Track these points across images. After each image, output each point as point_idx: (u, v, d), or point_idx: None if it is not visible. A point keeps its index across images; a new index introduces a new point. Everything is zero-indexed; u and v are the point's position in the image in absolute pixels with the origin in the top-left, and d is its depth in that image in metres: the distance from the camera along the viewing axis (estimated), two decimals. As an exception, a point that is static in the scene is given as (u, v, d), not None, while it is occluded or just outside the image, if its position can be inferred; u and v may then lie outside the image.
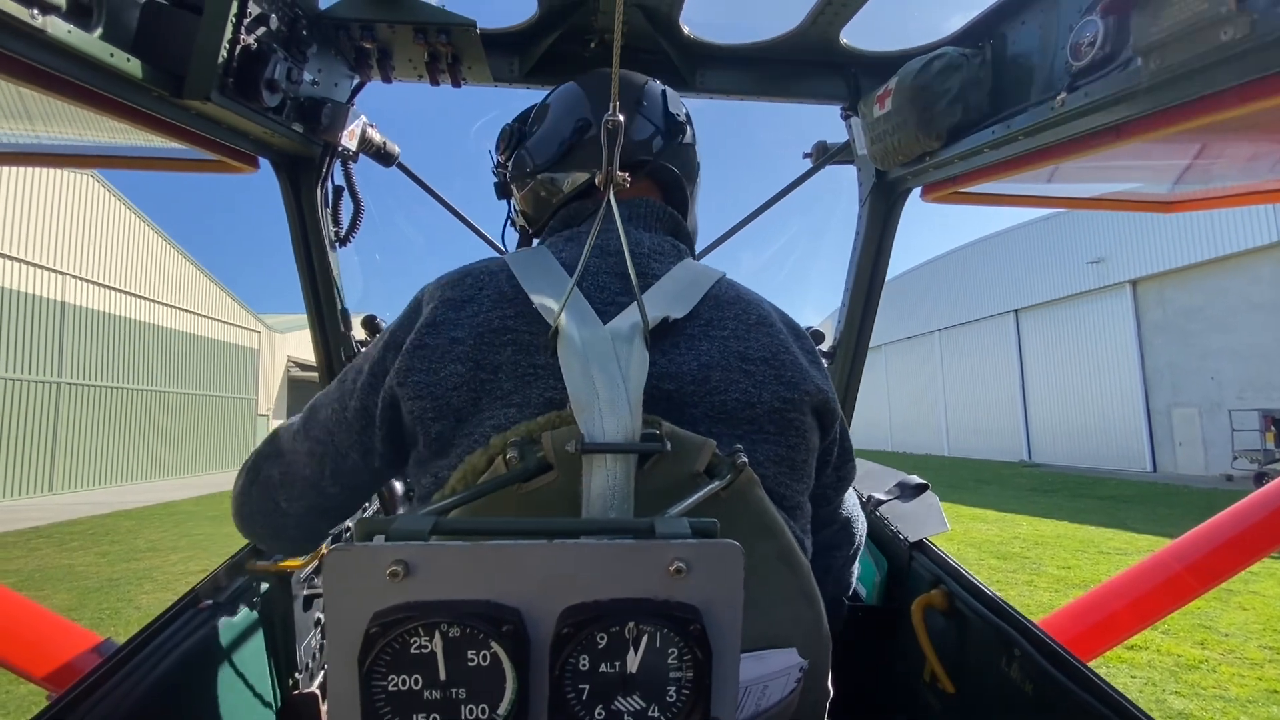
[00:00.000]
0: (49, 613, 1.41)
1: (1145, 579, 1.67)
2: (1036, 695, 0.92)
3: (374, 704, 0.45)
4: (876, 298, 1.74)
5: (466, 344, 0.76)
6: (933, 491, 1.48)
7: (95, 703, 0.83)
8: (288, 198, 1.50)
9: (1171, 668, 4.48)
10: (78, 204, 16.31)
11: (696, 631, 0.47)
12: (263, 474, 0.90)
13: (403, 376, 0.76)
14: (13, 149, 1.52)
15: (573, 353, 0.71)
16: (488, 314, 0.78)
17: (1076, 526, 9.94)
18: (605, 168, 0.71)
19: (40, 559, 8.04)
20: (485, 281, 0.82)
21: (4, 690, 4.13)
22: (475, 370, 0.75)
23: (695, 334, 0.82)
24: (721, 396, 0.78)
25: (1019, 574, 6.95)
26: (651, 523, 0.52)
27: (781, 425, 0.81)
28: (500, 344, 0.76)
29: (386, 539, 0.48)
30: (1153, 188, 1.69)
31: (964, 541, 8.74)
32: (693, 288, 0.86)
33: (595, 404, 0.66)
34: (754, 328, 0.85)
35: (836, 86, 1.56)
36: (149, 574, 7.13)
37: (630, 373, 0.70)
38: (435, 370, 0.75)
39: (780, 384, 0.82)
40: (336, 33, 1.34)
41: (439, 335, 0.77)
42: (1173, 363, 18.76)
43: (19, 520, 11.11)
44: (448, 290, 0.82)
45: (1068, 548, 8.33)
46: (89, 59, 0.90)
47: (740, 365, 0.81)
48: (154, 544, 8.99)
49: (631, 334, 0.74)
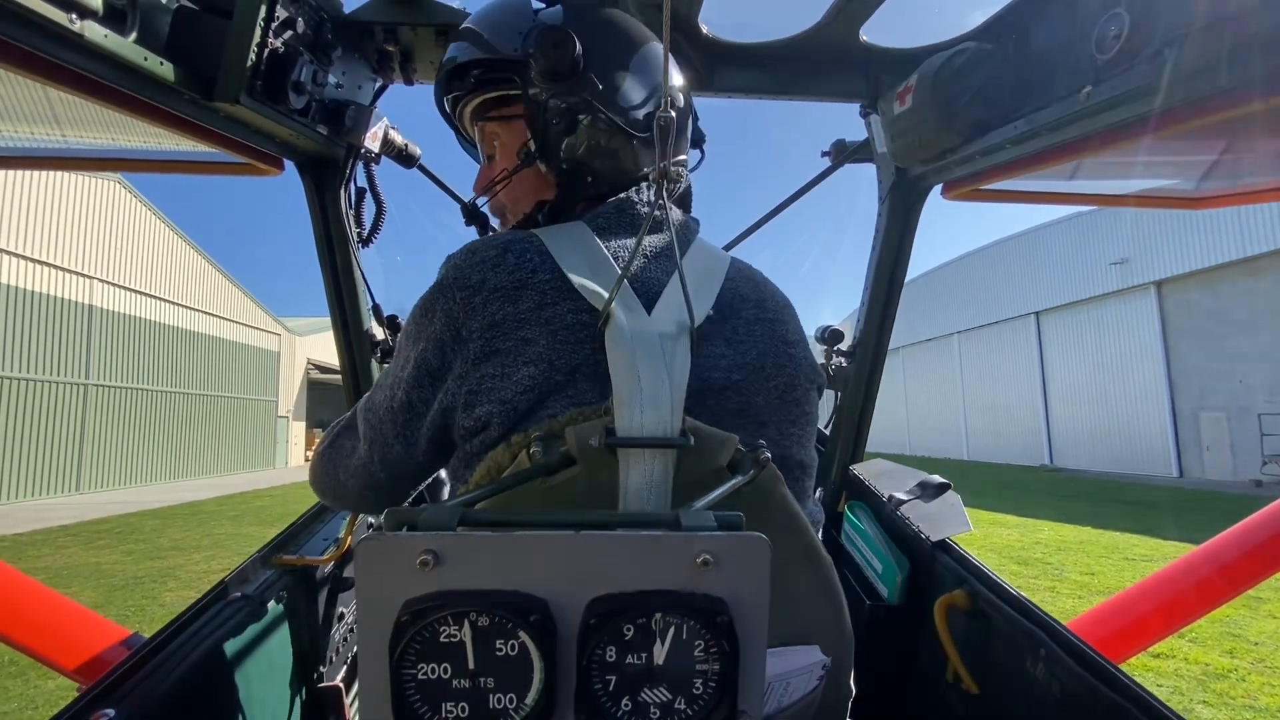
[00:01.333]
0: (79, 607, 1.44)
1: (1173, 583, 1.64)
2: (1064, 696, 0.91)
3: (404, 692, 0.46)
4: (897, 297, 1.72)
5: (539, 344, 0.71)
6: (954, 491, 1.46)
7: (125, 694, 0.84)
8: (312, 200, 1.52)
9: (1199, 676, 4.38)
10: (104, 209, 16.73)
11: (723, 623, 0.47)
12: (336, 444, 0.90)
13: (475, 385, 0.73)
14: (45, 154, 1.56)
15: (621, 347, 0.69)
16: (555, 308, 0.73)
17: (1100, 532, 9.76)
18: (659, 162, 0.71)
19: (68, 557, 8.22)
20: (536, 264, 0.75)
21: (33, 685, 4.23)
22: (549, 372, 0.71)
23: (750, 318, 0.83)
24: (774, 381, 0.81)
25: (1040, 580, 6.84)
26: (677, 515, 0.52)
27: (812, 403, 0.87)
28: (579, 341, 0.72)
29: (415, 529, 0.48)
30: (1179, 184, 1.66)
31: (984, 546, 8.62)
32: (713, 270, 0.86)
33: (637, 400, 0.66)
34: (783, 309, 0.89)
35: (856, 84, 1.56)
36: (173, 572, 7.27)
37: (674, 368, 0.70)
38: (509, 375, 0.71)
39: (809, 366, 0.87)
40: (360, 36, 1.36)
41: (507, 337, 0.72)
42: (1199, 366, 18.36)
43: (48, 519, 11.38)
44: (490, 274, 0.74)
45: (1091, 553, 8.18)
46: (124, 62, 0.93)
47: (785, 349, 0.84)
48: (177, 543, 9.17)
49: (679, 333, 0.74)
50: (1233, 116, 0.96)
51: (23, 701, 4.02)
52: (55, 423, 15.13)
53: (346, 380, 1.68)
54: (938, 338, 30.57)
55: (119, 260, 17.31)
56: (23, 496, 14.25)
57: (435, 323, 0.76)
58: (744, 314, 0.83)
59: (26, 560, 7.90)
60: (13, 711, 3.89)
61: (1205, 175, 1.57)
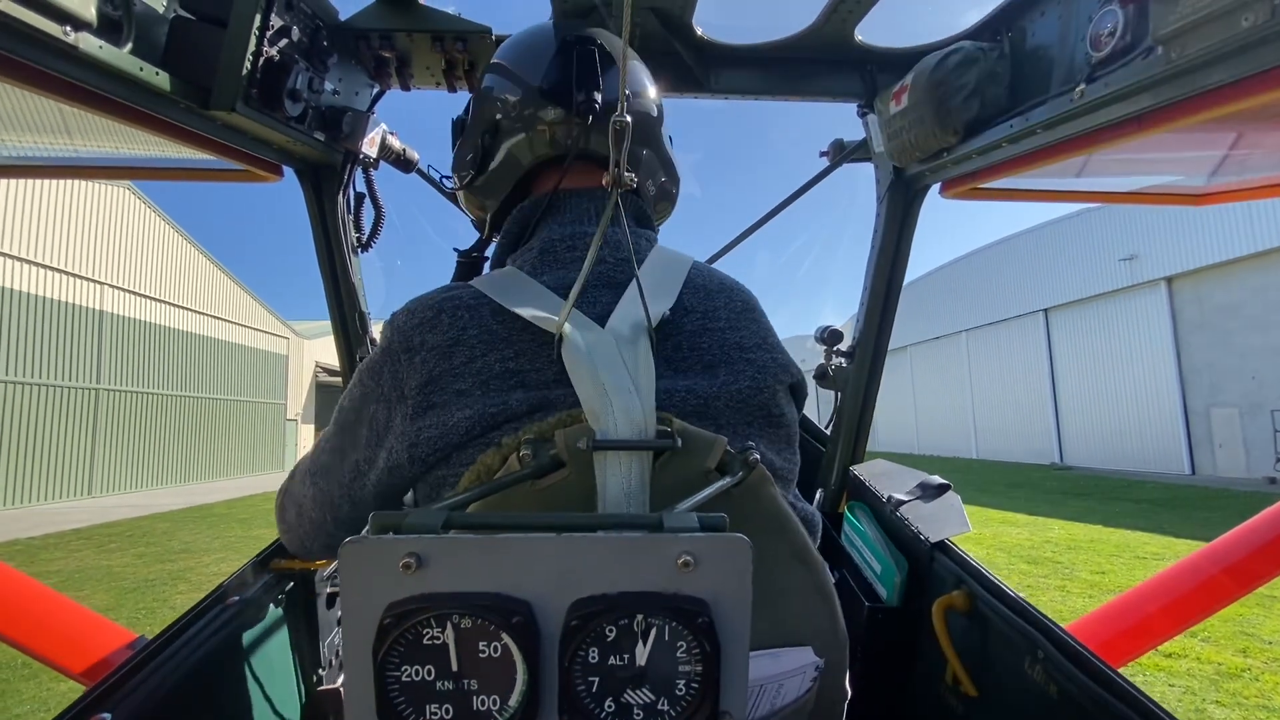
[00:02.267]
0: (86, 610, 1.46)
1: (1179, 582, 1.62)
2: (1062, 698, 0.90)
3: (388, 695, 0.46)
4: (896, 296, 1.72)
5: (473, 394, 0.74)
6: (954, 492, 1.46)
7: (125, 695, 0.85)
8: (311, 205, 1.54)
9: (1212, 676, 4.33)
10: (114, 216, 16.91)
11: (704, 625, 0.48)
12: (288, 513, 0.92)
13: (414, 438, 0.74)
14: (51, 163, 1.58)
15: (579, 359, 0.71)
16: (485, 359, 0.75)
17: (1111, 530, 9.66)
18: (612, 170, 0.70)
19: (80, 560, 8.31)
20: (467, 320, 0.77)
21: (45, 688, 4.27)
22: (484, 410, 0.73)
23: (695, 329, 0.83)
24: (733, 389, 0.80)
25: (1050, 579, 6.78)
26: (660, 517, 0.52)
27: (781, 406, 0.84)
28: (508, 388, 0.74)
29: (399, 532, 0.49)
30: (1179, 180, 1.65)
31: (993, 546, 8.54)
32: (670, 275, 0.86)
33: (608, 406, 0.67)
34: (742, 314, 0.87)
35: (852, 84, 1.55)
36: (183, 575, 7.35)
37: (639, 372, 0.71)
38: (444, 424, 0.73)
39: (776, 366, 0.84)
40: (356, 43, 1.37)
41: (442, 391, 0.74)
42: (1211, 362, 18.13)
43: (61, 522, 11.50)
44: (427, 334, 0.77)
45: (1102, 552, 8.09)
46: (119, 73, 0.94)
47: (741, 355, 0.83)
48: (188, 545, 9.25)
49: (635, 335, 0.75)
50: (1229, 111, 0.95)
51: (35, 704, 4.06)
52: (68, 427, 15.31)
53: (346, 381, 1.68)
54: (945, 336, 30.40)
55: (129, 266, 17.50)
56: (37, 500, 14.41)
57: (383, 384, 0.79)
58: (688, 327, 0.82)
59: (40, 563, 7.98)
60: (26, 714, 3.93)
61: (1206, 171, 1.56)
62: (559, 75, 0.93)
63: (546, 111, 0.93)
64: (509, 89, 0.96)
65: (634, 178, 0.74)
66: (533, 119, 0.94)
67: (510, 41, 1.05)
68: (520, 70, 0.97)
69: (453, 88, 1.50)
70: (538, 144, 0.94)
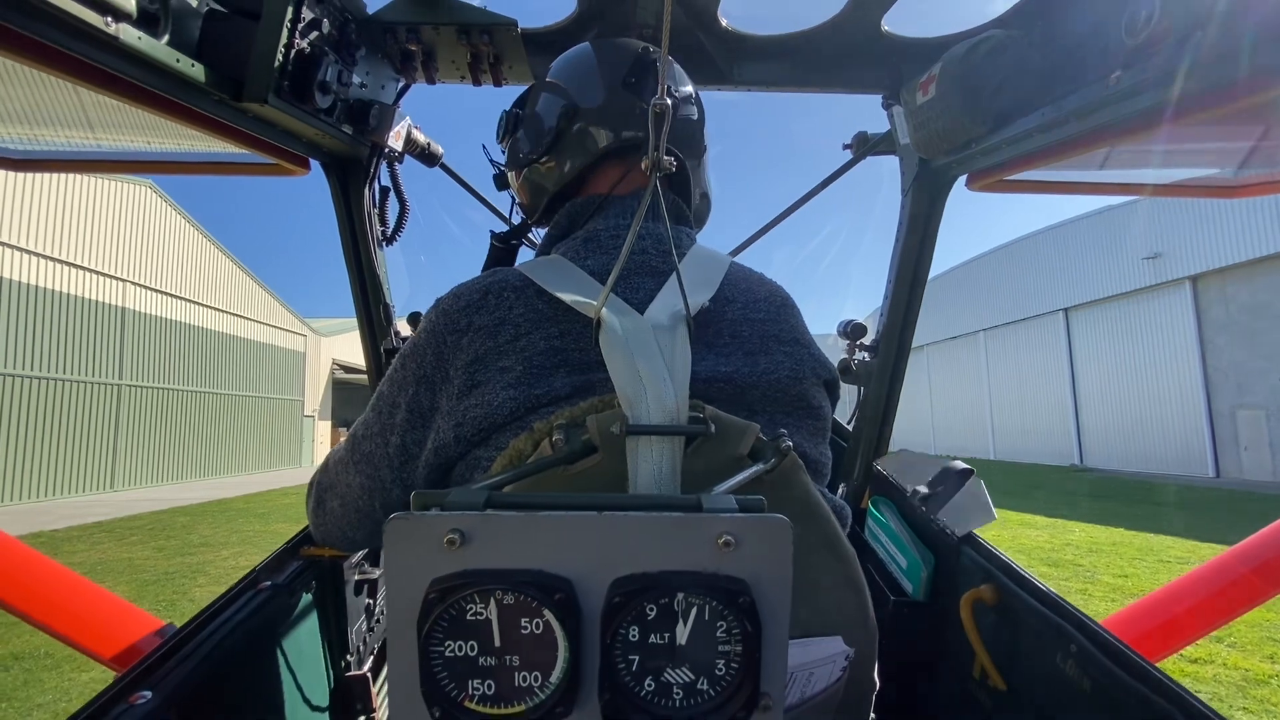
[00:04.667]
0: (116, 598, 1.48)
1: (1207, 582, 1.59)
2: (1096, 692, 0.89)
3: (432, 669, 0.47)
4: (920, 291, 1.70)
5: (515, 371, 0.75)
6: (978, 477, 1.43)
7: (160, 678, 0.87)
8: (337, 199, 1.55)
9: (1239, 682, 4.25)
10: (135, 213, 17.12)
11: (746, 604, 0.48)
12: (327, 506, 0.91)
13: (460, 418, 0.75)
14: (82, 157, 1.61)
15: (616, 344, 0.72)
16: (530, 337, 0.76)
17: (1134, 533, 9.49)
18: (651, 154, 0.71)
19: (102, 552, 8.46)
20: (512, 300, 0.79)
21: (66, 678, 4.36)
22: (529, 391, 0.74)
23: (736, 318, 0.84)
24: (771, 378, 0.81)
25: (1072, 582, 6.69)
26: (698, 498, 0.52)
27: (818, 398, 0.86)
28: (552, 367, 0.75)
29: (442, 509, 0.49)
30: (1215, 172, 1.61)
31: (1013, 548, 8.42)
32: (711, 270, 0.88)
33: (642, 392, 0.67)
34: (780, 308, 0.89)
35: (878, 75, 1.54)
36: (202, 568, 7.45)
37: (675, 360, 0.72)
38: (489, 403, 0.75)
39: (812, 360, 0.86)
40: (384, 36, 1.38)
41: (486, 369, 0.76)
42: (1237, 362, 17.76)
43: (84, 515, 11.70)
44: (474, 316, 0.79)
45: (1124, 555, 7.96)
46: (156, 64, 0.95)
47: (779, 347, 0.84)
48: (207, 539, 9.38)
49: (674, 323, 0.76)
50: (1268, 99, 0.93)
51: (58, 694, 4.15)
52: (90, 422, 15.54)
53: (372, 377, 1.70)
54: (963, 335, 30.06)
55: (150, 263, 17.72)
56: (61, 494, 14.64)
57: (426, 366, 0.80)
58: (729, 316, 0.84)
59: (63, 555, 8.13)
60: (49, 703, 4.01)
61: (1243, 162, 1.53)
62: (638, 77, 0.99)
63: (623, 103, 0.97)
64: (586, 83, 1.01)
65: (673, 161, 0.75)
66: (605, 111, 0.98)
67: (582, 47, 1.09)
68: (603, 70, 1.02)
69: (478, 81, 1.51)
70: (603, 137, 0.97)
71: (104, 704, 0.79)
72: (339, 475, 0.88)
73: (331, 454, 0.93)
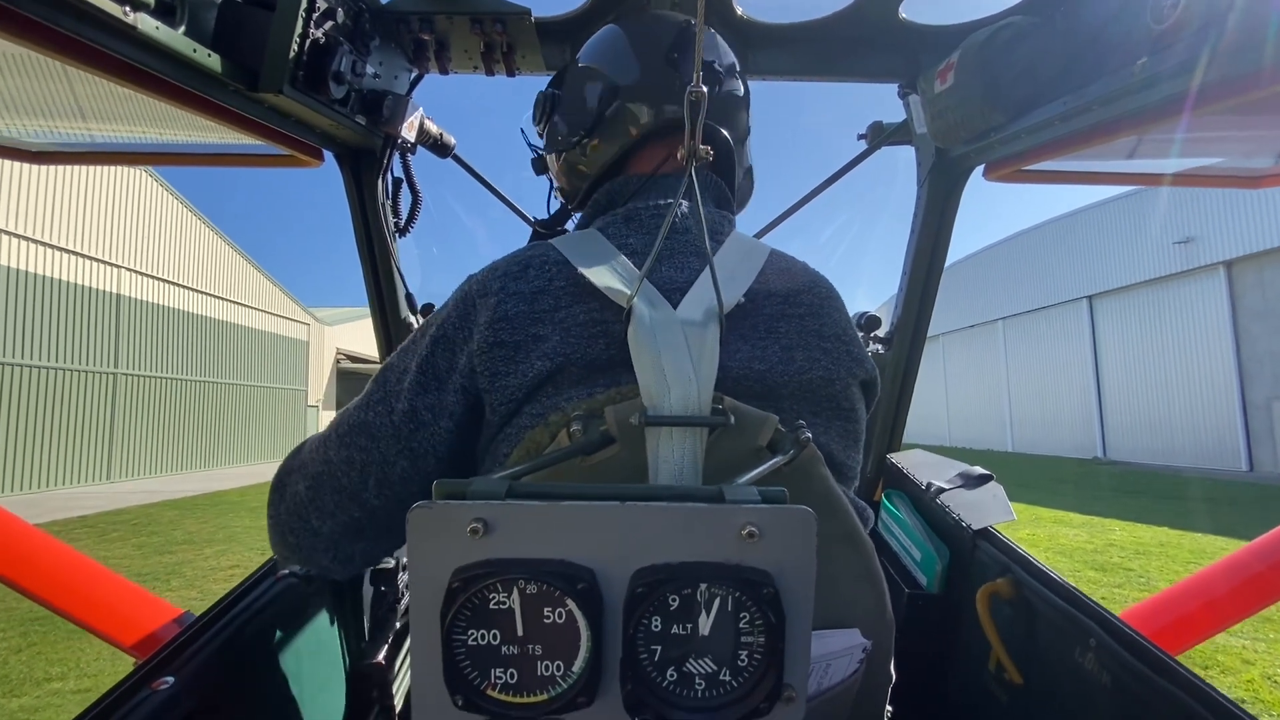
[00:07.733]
0: (136, 586, 1.51)
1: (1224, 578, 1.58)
2: (1116, 687, 0.88)
3: (455, 657, 0.47)
4: (936, 282, 1.69)
5: (552, 340, 0.73)
6: (997, 482, 1.43)
7: (181, 665, 0.88)
8: (350, 190, 1.55)
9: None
10: (132, 199, 16.70)
11: (769, 595, 0.47)
12: (289, 490, 0.82)
13: (488, 380, 0.73)
14: (95, 149, 1.62)
15: (644, 339, 0.70)
16: (570, 308, 0.75)
17: (1180, 533, 8.69)
18: (687, 142, 0.70)
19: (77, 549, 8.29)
20: (554, 272, 0.78)
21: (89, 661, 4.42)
22: (565, 364, 0.72)
23: (774, 313, 0.81)
24: (807, 376, 0.78)
25: (1126, 589, 6.02)
26: (720, 489, 0.52)
27: (852, 400, 0.83)
28: (593, 336, 0.73)
29: (465, 499, 0.49)
30: (1241, 161, 1.58)
31: (1051, 549, 7.75)
32: (749, 260, 0.85)
33: (665, 391, 0.67)
34: (824, 302, 0.85)
35: (895, 64, 1.52)
36: (178, 569, 6.92)
37: (703, 359, 0.70)
38: (518, 364, 0.73)
39: (851, 360, 0.83)
40: (397, 26, 1.38)
41: (517, 331, 0.74)
42: (1274, 351, 16.90)
43: (72, 508, 11.18)
44: (510, 283, 0.77)
45: (1176, 558, 7.24)
46: (174, 54, 0.95)
47: (819, 344, 0.81)
48: (191, 536, 8.82)
49: (706, 319, 0.74)
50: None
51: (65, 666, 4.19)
52: (85, 412, 15.13)
53: None
54: (981, 324, 29.47)
55: (147, 250, 17.25)
56: (55, 485, 14.22)
57: (447, 327, 0.78)
58: (767, 309, 0.81)
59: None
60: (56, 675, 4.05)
61: (1269, 152, 1.50)
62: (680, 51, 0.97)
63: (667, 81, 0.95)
64: (626, 61, 0.99)
65: (709, 151, 0.74)
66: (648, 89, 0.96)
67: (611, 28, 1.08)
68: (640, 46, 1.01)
69: (491, 71, 1.50)
70: (645, 114, 0.95)
71: (128, 689, 0.80)
72: (313, 454, 0.81)
73: (308, 439, 0.86)
